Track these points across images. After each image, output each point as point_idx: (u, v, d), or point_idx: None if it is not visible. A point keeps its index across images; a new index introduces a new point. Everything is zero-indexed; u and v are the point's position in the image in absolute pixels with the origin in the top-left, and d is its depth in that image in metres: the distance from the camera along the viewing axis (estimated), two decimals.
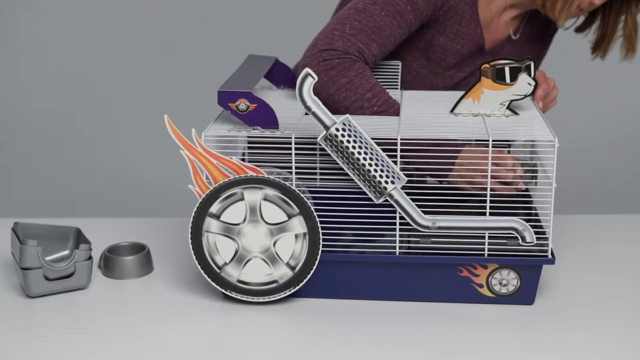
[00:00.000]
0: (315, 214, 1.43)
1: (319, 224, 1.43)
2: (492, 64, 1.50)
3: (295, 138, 1.43)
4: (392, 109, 1.53)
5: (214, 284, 1.47)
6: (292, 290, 1.46)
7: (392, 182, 1.40)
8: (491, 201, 1.42)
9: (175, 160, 1.69)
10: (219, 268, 1.46)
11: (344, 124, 1.39)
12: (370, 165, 1.40)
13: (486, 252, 1.44)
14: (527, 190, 1.59)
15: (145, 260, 1.61)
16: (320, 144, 1.41)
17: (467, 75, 1.78)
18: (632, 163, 3.49)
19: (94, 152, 3.60)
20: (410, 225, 1.42)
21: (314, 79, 1.38)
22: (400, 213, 1.42)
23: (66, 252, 1.57)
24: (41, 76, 3.59)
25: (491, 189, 1.42)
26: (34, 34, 3.58)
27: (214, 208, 1.44)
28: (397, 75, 1.73)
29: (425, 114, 1.53)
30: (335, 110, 1.53)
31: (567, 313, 1.45)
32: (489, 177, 1.41)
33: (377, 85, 1.54)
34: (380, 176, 1.40)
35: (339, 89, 1.52)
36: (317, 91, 1.47)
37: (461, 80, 1.77)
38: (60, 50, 3.58)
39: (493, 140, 1.40)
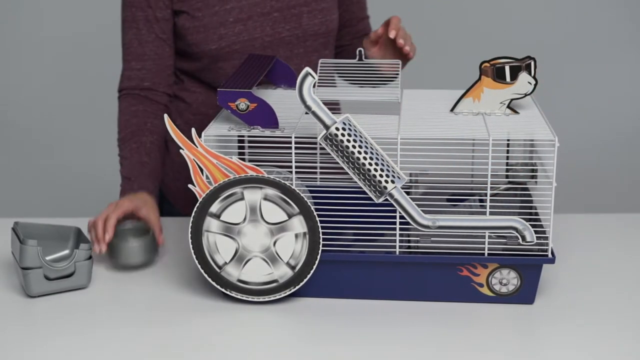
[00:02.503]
0: (315, 213, 1.42)
1: (319, 224, 1.43)
2: (492, 62, 1.50)
3: (295, 137, 1.43)
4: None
5: (214, 283, 1.47)
6: (292, 290, 1.46)
7: (392, 182, 1.40)
8: (491, 200, 1.42)
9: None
10: (219, 267, 1.46)
11: (344, 123, 1.39)
12: (370, 164, 1.39)
13: (486, 252, 1.44)
14: (527, 189, 1.59)
15: (150, 244, 1.60)
16: (320, 144, 1.40)
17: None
18: (632, 163, 3.48)
19: (94, 151, 3.58)
20: (411, 224, 1.42)
21: (314, 78, 1.38)
22: (400, 212, 1.42)
23: (66, 252, 1.57)
24: (41, 76, 3.59)
25: None
26: (35, 34, 3.58)
27: (214, 208, 1.44)
28: (397, 75, 1.72)
29: (426, 112, 1.53)
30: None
31: (567, 313, 1.45)
32: (489, 176, 1.41)
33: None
34: (381, 175, 1.40)
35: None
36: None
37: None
38: (60, 49, 3.58)
39: (493, 140, 1.40)
